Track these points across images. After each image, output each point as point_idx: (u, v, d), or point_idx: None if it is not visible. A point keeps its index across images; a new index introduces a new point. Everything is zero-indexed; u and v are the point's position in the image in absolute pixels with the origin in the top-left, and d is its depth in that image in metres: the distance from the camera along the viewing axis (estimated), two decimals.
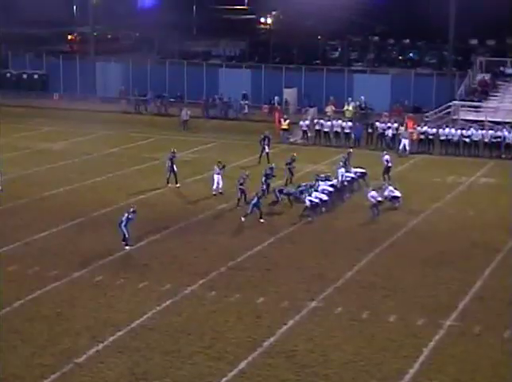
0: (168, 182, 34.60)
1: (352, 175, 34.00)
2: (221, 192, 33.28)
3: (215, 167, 33.59)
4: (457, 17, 53.06)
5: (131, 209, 26.46)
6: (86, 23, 69.62)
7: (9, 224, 28.80)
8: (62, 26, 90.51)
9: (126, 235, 26.17)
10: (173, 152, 35.11)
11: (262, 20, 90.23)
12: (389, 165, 35.70)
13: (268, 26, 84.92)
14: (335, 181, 32.67)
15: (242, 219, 29.29)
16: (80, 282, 23.16)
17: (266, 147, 39.64)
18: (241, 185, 31.21)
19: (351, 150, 38.27)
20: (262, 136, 39.96)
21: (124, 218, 26.16)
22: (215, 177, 33.33)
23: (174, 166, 34.56)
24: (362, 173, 34.59)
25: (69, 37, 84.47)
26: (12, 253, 25.69)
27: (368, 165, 36.25)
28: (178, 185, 34.51)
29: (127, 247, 26.14)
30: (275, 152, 41.75)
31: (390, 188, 31.91)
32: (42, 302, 21.69)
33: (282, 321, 20.51)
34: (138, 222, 27.50)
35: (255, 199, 29.32)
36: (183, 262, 25.08)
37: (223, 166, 33.70)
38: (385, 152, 36.95)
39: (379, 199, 30.45)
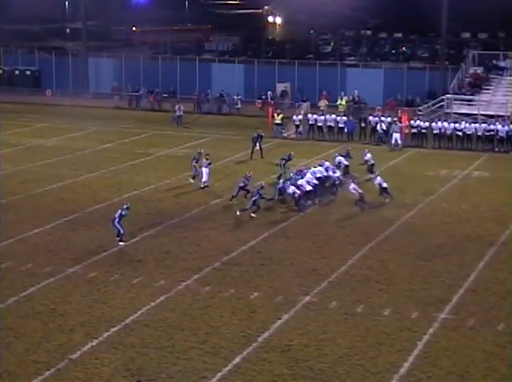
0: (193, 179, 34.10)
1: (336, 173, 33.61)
2: (207, 186, 33.31)
3: (204, 160, 33.63)
4: (449, 11, 53.16)
5: (124, 206, 26.45)
6: (78, 19, 69.64)
7: (3, 220, 28.72)
8: (54, 22, 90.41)
9: (121, 231, 26.17)
10: (200, 153, 34.54)
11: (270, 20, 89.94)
12: (372, 162, 35.39)
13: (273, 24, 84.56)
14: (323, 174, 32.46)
15: (238, 213, 29.28)
16: (74, 279, 23.12)
17: (258, 144, 39.50)
18: (244, 186, 30.93)
19: (350, 148, 37.41)
20: (256, 135, 39.76)
21: (117, 214, 26.16)
22: (204, 169, 33.38)
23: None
24: (344, 165, 34.52)
25: (133, 28, 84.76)
26: (5, 250, 25.62)
27: (361, 159, 36.28)
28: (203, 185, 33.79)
29: (121, 243, 26.13)
30: (268, 147, 41.77)
31: (379, 178, 31.75)
32: (36, 298, 21.64)
33: (276, 316, 20.51)
34: (132, 218, 27.49)
35: (257, 195, 29.25)
36: (177, 257, 25.06)
37: (207, 158, 33.70)
38: (366, 150, 36.68)
39: (360, 191, 30.47)
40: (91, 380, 17.28)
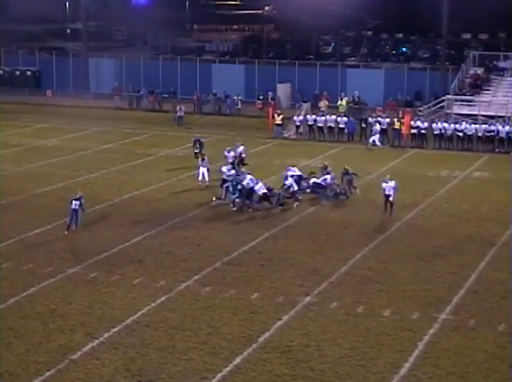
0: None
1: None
2: (207, 185, 33.36)
3: (199, 160, 33.68)
4: (450, 12, 53.19)
5: (77, 195, 27.27)
6: (78, 19, 69.68)
7: (3, 220, 28.73)
8: (54, 23, 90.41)
9: (77, 222, 27.14)
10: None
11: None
12: (243, 156, 35.30)
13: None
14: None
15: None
16: (75, 279, 23.12)
17: (197, 150, 38.20)
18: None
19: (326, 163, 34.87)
20: (193, 139, 38.90)
21: (77, 206, 26.98)
22: (200, 169, 33.47)
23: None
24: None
25: (194, 26, 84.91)
26: (6, 250, 25.63)
27: (360, 159, 36.30)
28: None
29: (66, 232, 26.96)
30: (269, 147, 41.80)
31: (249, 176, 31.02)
32: (36, 298, 21.65)
33: (277, 317, 20.51)
34: (133, 218, 27.51)
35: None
36: (177, 258, 25.06)
37: (203, 158, 33.77)
38: (239, 143, 36.34)
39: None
40: (92, 380, 17.28)
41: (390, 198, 29.44)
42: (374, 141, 42.99)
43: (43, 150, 42.46)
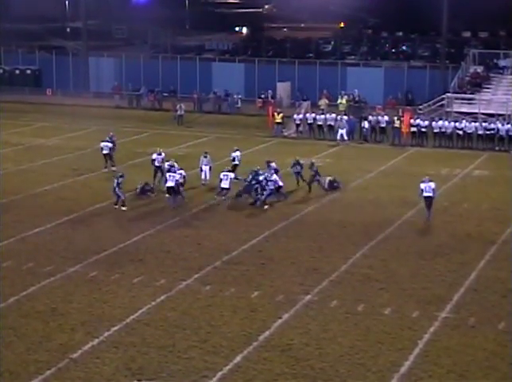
0: None
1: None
2: (203, 184, 33.59)
3: (202, 158, 33.68)
4: (450, 10, 53.19)
5: (119, 174, 29.99)
6: (78, 18, 69.67)
7: (3, 220, 28.73)
8: (54, 21, 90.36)
9: (122, 197, 29.64)
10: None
11: None
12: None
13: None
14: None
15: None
16: (75, 278, 23.13)
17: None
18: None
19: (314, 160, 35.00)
20: (107, 138, 38.05)
21: (115, 184, 29.57)
22: (204, 167, 33.49)
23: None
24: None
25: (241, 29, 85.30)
26: (6, 249, 25.64)
27: (360, 157, 36.30)
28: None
29: (124, 208, 29.54)
30: (268, 146, 41.76)
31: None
32: (37, 297, 21.65)
33: (277, 315, 20.52)
34: (132, 217, 27.45)
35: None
36: (177, 256, 25.07)
37: (205, 156, 33.96)
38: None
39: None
40: (92, 379, 17.29)
41: (430, 199, 28.72)
42: (341, 135, 43.21)
43: (43, 148, 42.47)
